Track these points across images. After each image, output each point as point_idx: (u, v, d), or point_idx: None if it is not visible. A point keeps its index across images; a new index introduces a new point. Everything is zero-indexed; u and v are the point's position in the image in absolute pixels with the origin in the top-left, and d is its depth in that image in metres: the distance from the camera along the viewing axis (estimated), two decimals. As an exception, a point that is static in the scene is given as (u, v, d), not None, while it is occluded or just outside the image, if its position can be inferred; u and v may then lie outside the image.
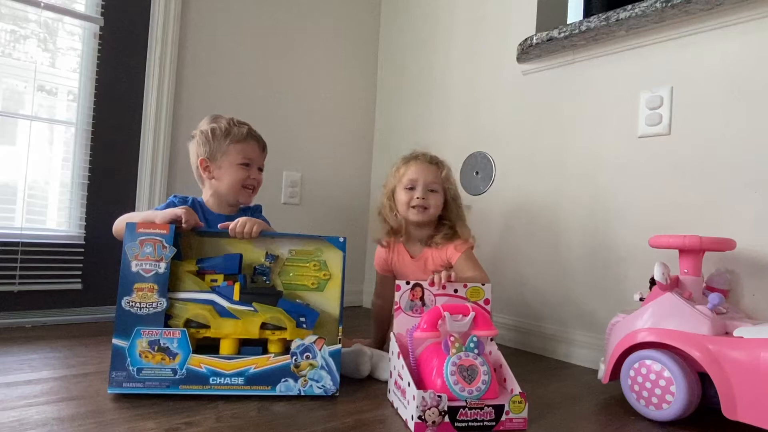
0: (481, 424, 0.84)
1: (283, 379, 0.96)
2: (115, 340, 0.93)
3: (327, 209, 2.05)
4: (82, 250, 1.53)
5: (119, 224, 1.10)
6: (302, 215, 1.97)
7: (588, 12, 1.57)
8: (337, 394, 0.97)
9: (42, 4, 1.46)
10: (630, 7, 1.24)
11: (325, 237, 1.07)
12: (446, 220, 1.29)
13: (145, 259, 0.96)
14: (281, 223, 1.86)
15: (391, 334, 1.02)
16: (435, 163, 1.30)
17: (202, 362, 0.95)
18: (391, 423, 0.88)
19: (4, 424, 0.77)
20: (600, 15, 1.30)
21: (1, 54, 1.45)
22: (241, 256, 1.04)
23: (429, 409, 0.82)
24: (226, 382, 0.95)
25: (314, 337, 0.98)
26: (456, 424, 0.83)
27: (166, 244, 0.97)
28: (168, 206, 1.17)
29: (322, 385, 0.97)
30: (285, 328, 0.99)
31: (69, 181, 1.54)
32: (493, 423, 0.85)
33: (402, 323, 1.02)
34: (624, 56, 1.35)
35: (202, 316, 0.98)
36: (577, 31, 1.34)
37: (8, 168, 1.46)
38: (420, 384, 0.90)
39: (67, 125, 1.55)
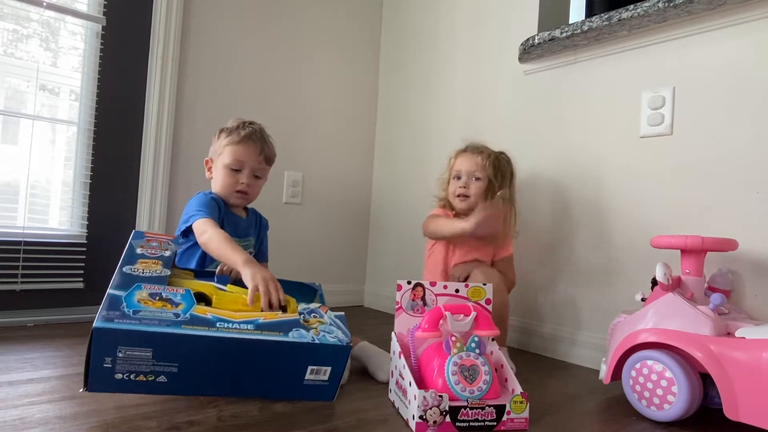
0: (483, 424, 0.84)
1: (294, 328, 0.89)
2: (111, 291, 0.84)
3: (329, 209, 2.05)
4: (84, 249, 1.53)
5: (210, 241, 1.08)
6: (304, 215, 1.98)
7: (590, 12, 1.56)
8: (351, 344, 0.90)
9: (44, 4, 1.46)
10: (632, 6, 1.24)
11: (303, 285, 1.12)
12: None
13: (150, 248, 0.97)
14: (283, 223, 1.88)
15: (393, 334, 1.02)
16: (479, 152, 1.35)
17: (207, 311, 0.87)
18: (392, 423, 0.88)
19: (6, 423, 0.77)
20: (602, 15, 1.30)
21: (3, 53, 1.45)
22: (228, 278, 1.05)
23: (430, 408, 0.82)
24: (234, 326, 0.85)
25: (318, 304, 0.98)
26: (457, 423, 0.83)
27: (171, 242, 1.00)
28: (208, 202, 1.15)
29: (335, 336, 0.90)
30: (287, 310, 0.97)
31: (71, 180, 1.54)
32: (495, 423, 0.85)
33: (403, 323, 1.02)
34: (626, 56, 1.35)
35: (203, 292, 0.94)
36: (579, 30, 1.34)
37: (11, 167, 1.46)
38: (421, 384, 0.90)
39: (69, 124, 1.55)
